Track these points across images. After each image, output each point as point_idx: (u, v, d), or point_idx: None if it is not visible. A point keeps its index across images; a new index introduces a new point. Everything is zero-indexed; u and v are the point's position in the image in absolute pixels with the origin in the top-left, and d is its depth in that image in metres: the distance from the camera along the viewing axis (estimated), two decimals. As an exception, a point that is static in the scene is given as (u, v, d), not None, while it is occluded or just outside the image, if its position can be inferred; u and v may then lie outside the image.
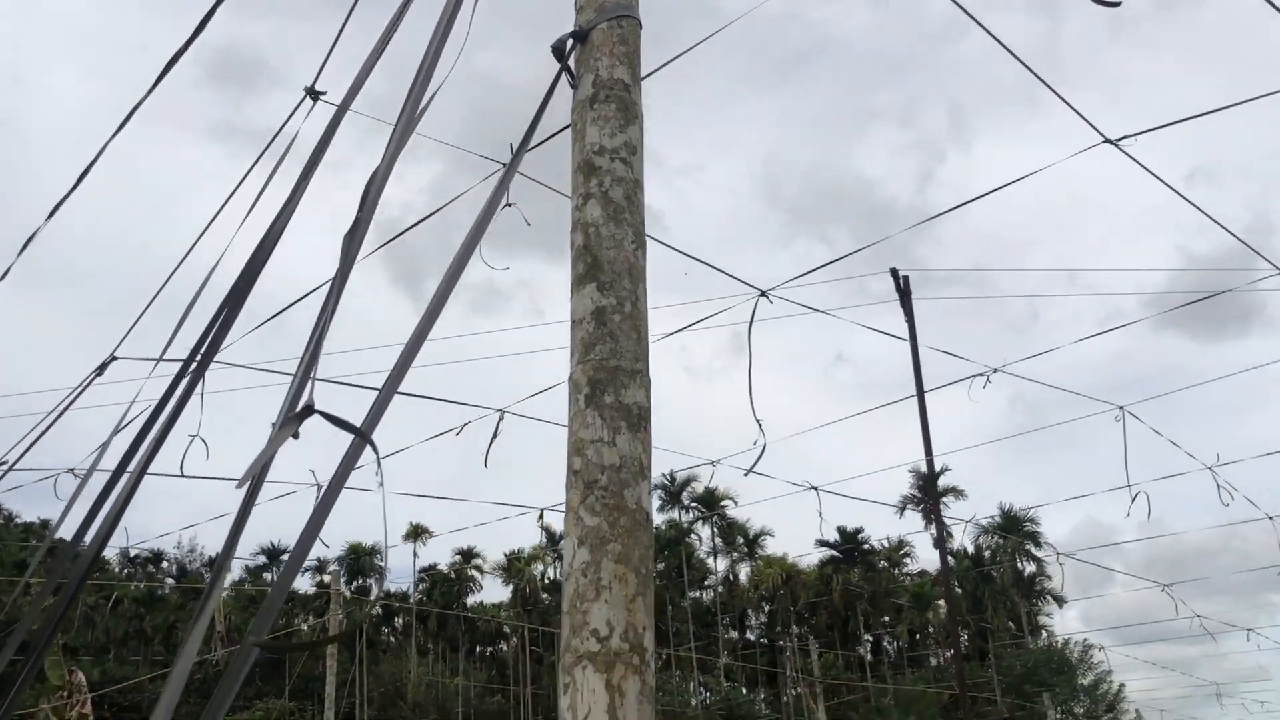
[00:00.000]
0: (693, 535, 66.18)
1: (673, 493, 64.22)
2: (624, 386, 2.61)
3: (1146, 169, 6.63)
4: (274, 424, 1.93)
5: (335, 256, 2.49)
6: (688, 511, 65.48)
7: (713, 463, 13.94)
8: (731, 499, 64.46)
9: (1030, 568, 58.88)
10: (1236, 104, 6.16)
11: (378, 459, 1.96)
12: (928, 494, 61.26)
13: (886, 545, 64.66)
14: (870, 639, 67.06)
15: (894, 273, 13.27)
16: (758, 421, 8.05)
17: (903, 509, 63.66)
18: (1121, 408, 12.68)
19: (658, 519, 64.54)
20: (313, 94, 4.20)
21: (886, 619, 64.72)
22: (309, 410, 1.95)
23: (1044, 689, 45.31)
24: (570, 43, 3.09)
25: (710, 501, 64.15)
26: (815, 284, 13.24)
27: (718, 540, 66.68)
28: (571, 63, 3.13)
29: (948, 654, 62.56)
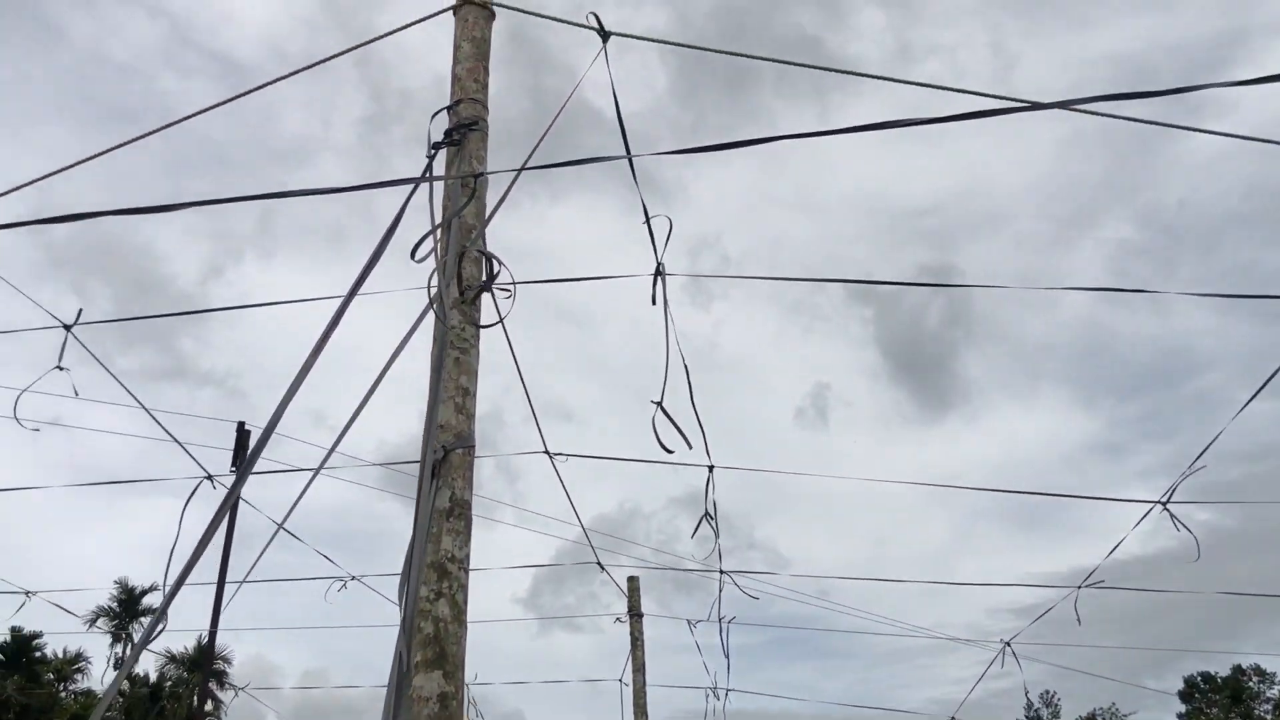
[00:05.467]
0: None
1: None
2: (457, 768, 3.56)
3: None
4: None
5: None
6: None
7: None
8: (-112, 566, 54.27)
9: (209, 707, 57.84)
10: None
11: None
12: (127, 615, 57.88)
13: (61, 656, 58.84)
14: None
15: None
16: None
17: (94, 620, 59.05)
18: (352, 577, 13.88)
19: None
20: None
21: (29, 737, 58.04)
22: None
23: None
24: (440, 456, 4.02)
25: None
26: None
27: None
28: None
29: (87, 786, 57.88)
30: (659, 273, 6.15)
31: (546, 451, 10.08)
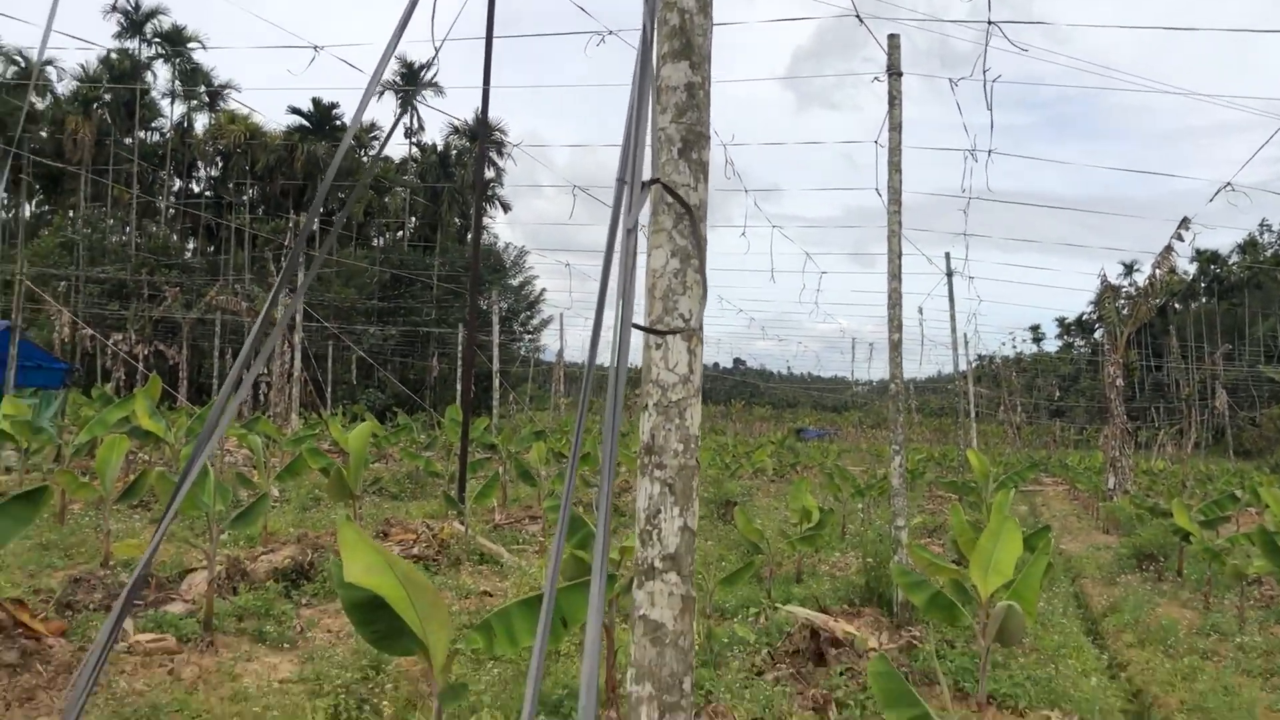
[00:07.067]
0: (150, 73, 60.44)
1: (135, 21, 57.31)
2: (703, 148, 3.69)
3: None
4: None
5: None
6: (150, 45, 59.19)
7: None
8: (200, 42, 59.47)
9: (491, 174, 63.11)
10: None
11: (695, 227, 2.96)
12: (411, 87, 61.67)
13: (360, 126, 64.71)
14: (323, 210, 68.16)
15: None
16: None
17: (381, 92, 63.60)
18: (610, 31, 13.98)
19: (111, 44, 57.68)
20: None
21: (343, 195, 65.98)
22: (654, 180, 2.92)
23: (481, 285, 50.82)
24: None
25: (177, 39, 58.59)
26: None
27: (177, 83, 61.65)
28: None
29: (397, 235, 66.26)
30: None
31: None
